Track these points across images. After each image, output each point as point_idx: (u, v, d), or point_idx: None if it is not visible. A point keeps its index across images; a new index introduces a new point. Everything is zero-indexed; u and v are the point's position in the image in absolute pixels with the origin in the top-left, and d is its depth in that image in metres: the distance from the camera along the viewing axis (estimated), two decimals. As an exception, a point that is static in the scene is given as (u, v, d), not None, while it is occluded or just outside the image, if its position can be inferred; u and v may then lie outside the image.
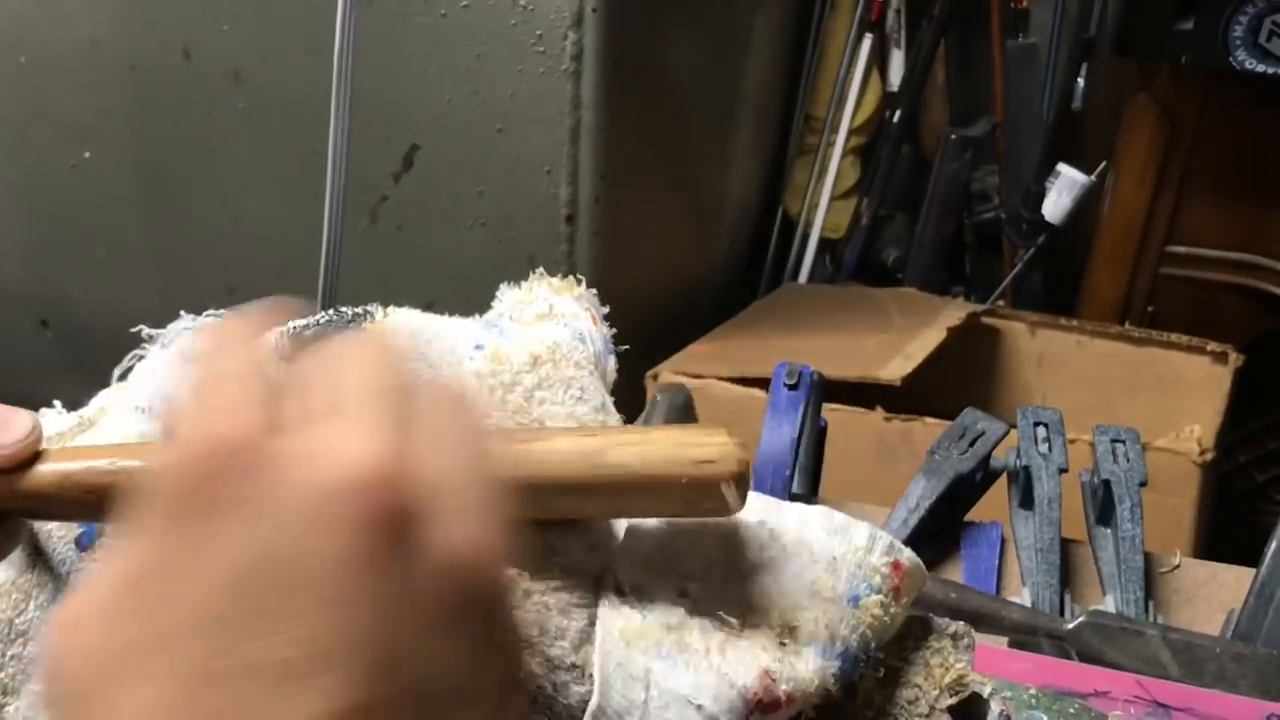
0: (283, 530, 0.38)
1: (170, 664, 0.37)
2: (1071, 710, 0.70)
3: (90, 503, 0.55)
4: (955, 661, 0.66)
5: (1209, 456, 1.90)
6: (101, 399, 0.68)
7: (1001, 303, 2.65)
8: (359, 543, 0.38)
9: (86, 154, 2.22)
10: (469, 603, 0.40)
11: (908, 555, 0.64)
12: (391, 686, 0.37)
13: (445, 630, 0.39)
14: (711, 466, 0.55)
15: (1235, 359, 2.18)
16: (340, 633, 0.37)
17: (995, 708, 0.67)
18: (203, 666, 0.37)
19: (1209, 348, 2.21)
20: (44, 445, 0.55)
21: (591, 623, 0.58)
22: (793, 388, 1.18)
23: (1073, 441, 1.45)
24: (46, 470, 0.54)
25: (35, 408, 0.68)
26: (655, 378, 2.03)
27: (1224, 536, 1.95)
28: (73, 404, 0.69)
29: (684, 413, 1.17)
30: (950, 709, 0.66)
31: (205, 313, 0.71)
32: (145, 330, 0.70)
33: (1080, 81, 2.55)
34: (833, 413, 1.94)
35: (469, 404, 0.46)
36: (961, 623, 0.68)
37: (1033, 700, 0.70)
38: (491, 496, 0.42)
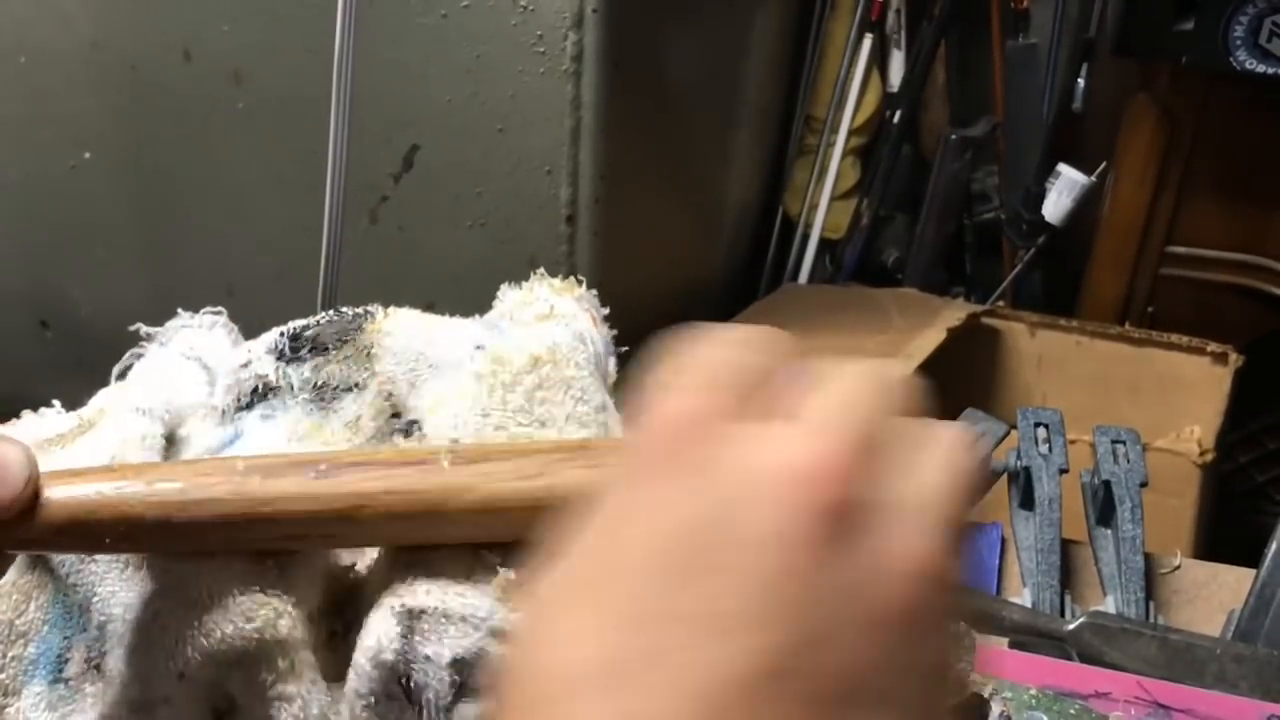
0: (732, 498, 0.41)
1: (609, 598, 0.41)
2: (1072, 711, 0.70)
3: (95, 541, 0.55)
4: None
5: (1209, 457, 1.91)
6: (100, 399, 0.68)
7: (1001, 303, 2.65)
8: (801, 524, 0.40)
9: (86, 154, 2.22)
10: (901, 612, 0.41)
11: None
12: (807, 663, 0.39)
13: (870, 630, 0.40)
14: None
15: (1235, 360, 2.18)
16: (770, 601, 0.39)
17: (996, 708, 0.67)
18: (639, 604, 0.40)
19: (1209, 348, 2.21)
20: (42, 466, 0.54)
21: None
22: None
23: (1073, 442, 1.45)
24: (50, 512, 0.53)
25: (35, 408, 0.68)
26: (655, 378, 2.02)
27: (1224, 537, 1.95)
28: (72, 404, 0.69)
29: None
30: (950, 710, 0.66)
31: (203, 310, 0.72)
32: (144, 329, 0.70)
33: (1080, 82, 2.54)
34: (833, 413, 1.93)
35: (962, 455, 0.47)
36: (961, 623, 0.68)
37: (1033, 701, 0.69)
38: (948, 523, 0.44)
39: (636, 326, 0.78)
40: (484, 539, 0.57)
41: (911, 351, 2.11)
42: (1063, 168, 2.54)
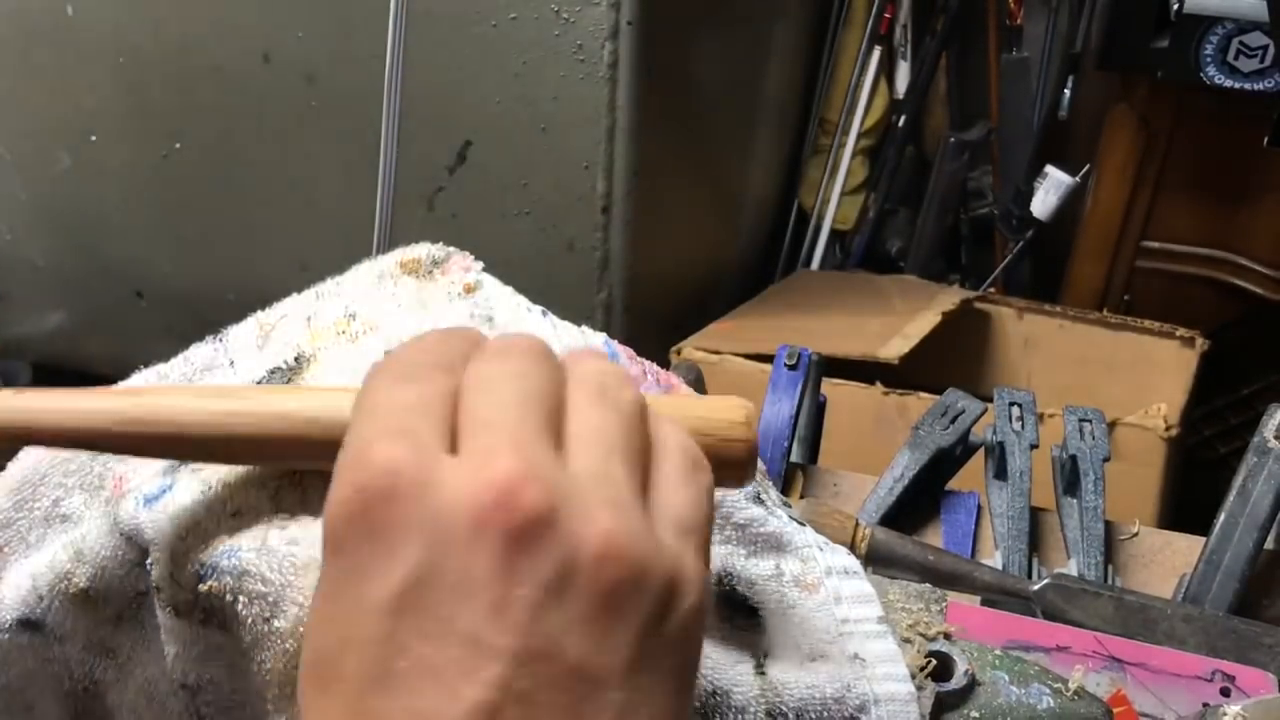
0: (436, 550, 0.39)
1: (351, 668, 0.39)
2: (1032, 672, 0.69)
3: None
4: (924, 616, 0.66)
5: (1174, 432, 1.89)
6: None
7: (993, 290, 2.64)
8: (502, 554, 0.39)
9: (177, 145, 2.23)
10: (616, 591, 0.40)
11: None
12: (547, 670, 0.39)
13: (596, 617, 0.39)
14: (739, 431, 0.52)
15: (1201, 344, 2.17)
16: (496, 631, 0.38)
17: (961, 665, 0.67)
18: (380, 668, 0.39)
19: (1178, 333, 2.20)
20: None
21: None
22: (792, 368, 1.17)
23: (1052, 415, 1.44)
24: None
25: (130, 369, 0.68)
26: (679, 353, 2.02)
27: (1190, 503, 1.94)
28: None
29: (693, 389, 1.16)
30: (923, 668, 0.66)
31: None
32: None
33: (1067, 92, 2.53)
34: (836, 387, 1.93)
35: (614, 382, 0.46)
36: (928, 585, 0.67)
37: (996, 661, 0.69)
38: (629, 485, 0.43)
39: (663, 305, 0.79)
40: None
41: (910, 332, 2.09)
42: (1050, 169, 2.53)
